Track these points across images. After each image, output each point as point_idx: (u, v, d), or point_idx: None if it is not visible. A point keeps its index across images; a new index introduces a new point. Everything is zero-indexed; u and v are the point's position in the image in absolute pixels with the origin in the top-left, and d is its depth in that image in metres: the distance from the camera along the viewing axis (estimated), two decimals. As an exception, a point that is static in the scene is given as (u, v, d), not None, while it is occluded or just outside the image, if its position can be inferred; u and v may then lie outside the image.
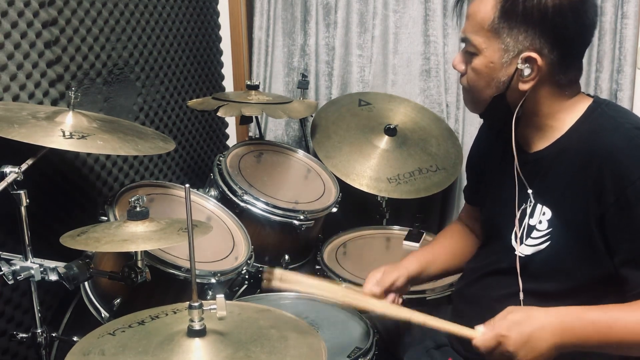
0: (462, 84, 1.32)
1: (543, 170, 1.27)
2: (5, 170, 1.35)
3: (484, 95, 1.27)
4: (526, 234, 1.29)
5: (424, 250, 1.60)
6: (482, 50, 1.23)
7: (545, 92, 1.24)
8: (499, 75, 1.23)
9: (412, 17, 2.42)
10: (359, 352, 1.39)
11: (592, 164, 1.18)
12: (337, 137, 2.32)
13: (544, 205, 1.27)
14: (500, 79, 1.23)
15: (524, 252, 1.29)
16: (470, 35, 1.24)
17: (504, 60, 1.22)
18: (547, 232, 1.25)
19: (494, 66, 1.23)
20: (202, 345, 1.03)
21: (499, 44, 1.21)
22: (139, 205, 1.33)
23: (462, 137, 2.45)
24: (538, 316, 1.14)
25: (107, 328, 1.15)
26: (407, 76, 2.49)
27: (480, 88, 1.27)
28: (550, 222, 1.25)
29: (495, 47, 1.21)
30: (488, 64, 1.23)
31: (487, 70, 1.24)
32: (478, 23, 1.22)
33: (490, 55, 1.22)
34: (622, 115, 1.25)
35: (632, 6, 2.13)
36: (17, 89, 1.66)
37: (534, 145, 1.31)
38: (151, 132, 1.74)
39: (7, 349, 1.69)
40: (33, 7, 1.68)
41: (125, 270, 1.39)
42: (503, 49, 1.21)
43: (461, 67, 1.29)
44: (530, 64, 1.20)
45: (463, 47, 1.30)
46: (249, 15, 2.68)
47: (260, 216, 1.92)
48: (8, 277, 1.37)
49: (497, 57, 1.22)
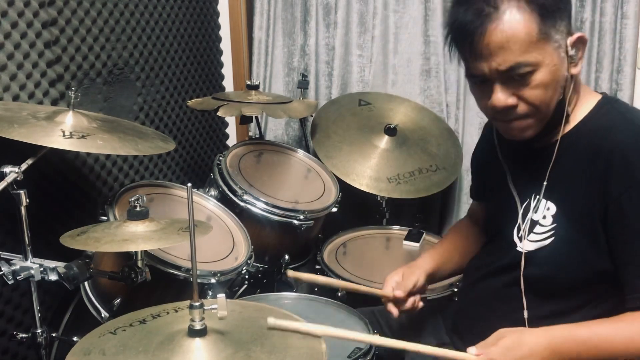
0: (519, 113, 1.21)
1: (547, 165, 1.26)
2: (5, 170, 1.35)
3: (552, 106, 1.21)
4: (529, 229, 1.29)
5: (437, 248, 1.59)
6: (541, 62, 1.16)
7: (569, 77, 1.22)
8: (563, 73, 1.19)
9: (412, 17, 2.42)
10: (359, 352, 1.39)
11: (599, 159, 1.17)
12: (337, 137, 2.32)
13: (549, 200, 1.26)
14: (563, 76, 1.19)
15: (526, 248, 1.28)
16: (521, 58, 1.14)
17: (562, 55, 1.18)
18: (552, 227, 1.25)
19: (557, 68, 1.17)
20: (203, 344, 1.03)
21: (551, 45, 1.16)
22: (139, 205, 1.33)
23: (462, 137, 2.45)
24: (529, 340, 1.16)
25: (108, 327, 1.15)
26: (407, 76, 2.49)
27: (549, 100, 1.20)
28: (555, 218, 1.24)
29: (550, 50, 1.16)
30: (552, 69, 1.17)
31: (553, 76, 1.17)
32: (523, 41, 1.14)
33: (550, 60, 1.16)
34: (632, 112, 1.25)
35: (632, 6, 2.13)
36: (17, 89, 1.65)
37: (542, 141, 1.29)
38: (151, 131, 1.74)
39: (7, 349, 1.69)
40: (33, 7, 1.67)
41: (125, 270, 1.39)
42: (557, 47, 1.17)
43: (513, 100, 1.19)
44: (576, 46, 1.18)
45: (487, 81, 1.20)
46: (249, 15, 2.68)
47: (260, 216, 1.92)
48: (8, 277, 1.37)
49: (556, 58, 1.17)
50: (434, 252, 1.56)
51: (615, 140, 1.17)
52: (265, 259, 1.99)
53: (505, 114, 1.22)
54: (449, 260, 1.54)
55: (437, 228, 2.55)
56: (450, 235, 1.64)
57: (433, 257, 1.53)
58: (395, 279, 1.44)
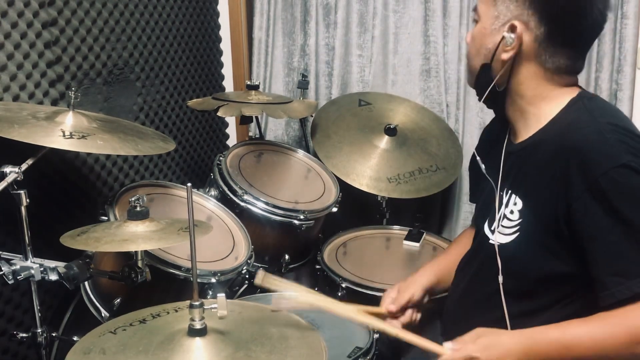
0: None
1: (521, 160, 1.29)
2: (6, 170, 1.35)
3: (474, 63, 1.31)
4: (499, 222, 1.30)
5: (439, 259, 1.61)
6: (481, 17, 1.28)
7: (529, 72, 1.25)
8: (487, 42, 1.27)
9: (412, 17, 2.42)
10: (359, 352, 1.40)
11: (561, 157, 1.17)
12: (337, 137, 2.32)
13: (517, 195, 1.27)
14: (487, 46, 1.27)
15: (498, 241, 1.29)
16: (479, 4, 1.29)
17: (493, 27, 1.25)
18: (518, 222, 1.26)
19: (485, 32, 1.27)
20: (203, 344, 1.03)
21: (493, 11, 1.25)
22: (139, 205, 1.34)
23: (462, 137, 2.44)
24: (505, 341, 1.18)
25: (108, 326, 1.15)
26: (407, 76, 2.49)
27: (472, 55, 1.32)
28: (521, 213, 1.26)
29: (490, 14, 1.26)
30: (481, 29, 1.28)
31: (479, 36, 1.29)
32: None
33: (484, 21, 1.27)
34: (601, 110, 1.23)
35: (632, 6, 2.13)
36: (17, 89, 1.66)
37: (519, 136, 1.32)
38: (151, 132, 1.74)
39: (7, 348, 1.69)
40: (33, 8, 1.68)
41: (125, 270, 1.39)
42: (495, 15, 1.25)
43: (468, 38, 1.34)
44: (514, 33, 1.23)
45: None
46: (249, 15, 2.68)
47: (261, 216, 1.92)
48: (8, 277, 1.37)
49: (489, 24, 1.26)
50: (435, 264, 1.57)
51: (576, 137, 1.17)
52: (265, 259, 1.99)
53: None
54: (450, 273, 1.53)
55: (437, 228, 2.55)
56: (453, 247, 1.65)
57: (433, 270, 1.54)
58: (391, 296, 1.47)
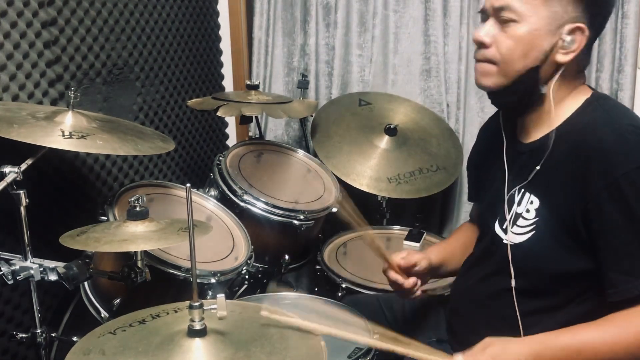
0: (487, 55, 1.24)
1: (534, 160, 1.27)
2: (5, 170, 1.35)
3: (516, 67, 1.22)
4: (512, 222, 1.29)
5: (444, 244, 1.63)
6: (526, 17, 1.18)
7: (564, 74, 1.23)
8: (541, 44, 1.19)
9: (412, 16, 2.41)
10: (359, 352, 1.39)
11: (580, 157, 1.18)
12: (337, 137, 2.32)
13: (532, 194, 1.27)
14: (542, 48, 1.19)
15: (512, 240, 1.29)
16: (512, 1, 1.18)
17: (550, 28, 1.18)
18: (534, 221, 1.26)
19: (539, 34, 1.19)
20: (203, 345, 1.03)
21: (546, 11, 1.18)
22: (139, 205, 1.33)
23: (462, 137, 2.44)
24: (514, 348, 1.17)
25: (108, 327, 1.15)
26: (407, 76, 2.48)
27: (516, 58, 1.21)
28: (538, 212, 1.25)
29: (542, 14, 1.18)
30: (532, 31, 1.19)
31: (529, 37, 1.19)
32: None
33: (535, 22, 1.18)
34: (617, 110, 1.25)
35: (632, 6, 2.13)
36: (16, 89, 1.65)
37: (529, 136, 1.31)
38: (151, 132, 1.74)
39: (7, 349, 1.69)
40: (32, 7, 1.67)
41: (125, 270, 1.39)
42: (550, 16, 1.18)
43: (487, 38, 1.23)
44: (573, 35, 1.18)
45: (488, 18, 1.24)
46: (249, 15, 2.67)
47: (260, 216, 1.92)
48: (7, 277, 1.37)
49: (543, 24, 1.18)
50: (441, 246, 1.59)
51: (596, 137, 1.18)
52: (265, 259, 1.99)
53: (478, 51, 1.26)
54: (453, 258, 1.55)
55: (437, 228, 2.55)
56: (455, 235, 1.66)
57: (441, 251, 1.55)
58: (401, 255, 1.48)
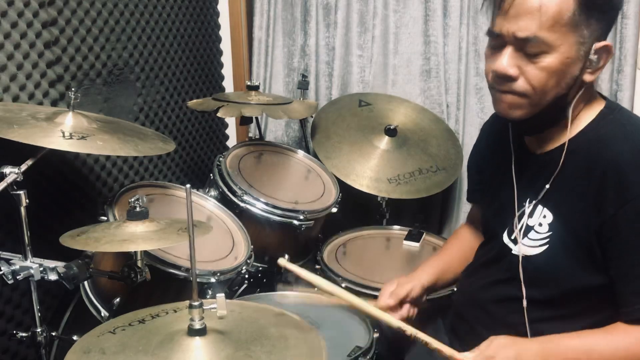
0: (514, 88, 1.17)
1: (548, 172, 1.24)
2: (5, 171, 1.35)
3: (548, 97, 1.17)
4: (523, 234, 1.28)
5: (437, 258, 1.60)
6: (556, 47, 1.12)
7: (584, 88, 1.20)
8: (574, 70, 1.15)
9: (412, 17, 2.42)
10: (359, 351, 1.39)
11: (596, 171, 1.15)
12: (337, 137, 2.32)
13: (545, 207, 1.25)
14: (574, 74, 1.15)
15: (522, 252, 1.28)
16: (540, 33, 1.11)
17: (581, 53, 1.14)
18: (547, 235, 1.24)
19: (570, 61, 1.13)
20: (203, 344, 1.03)
21: (575, 37, 1.12)
22: (139, 206, 1.34)
23: (462, 138, 2.44)
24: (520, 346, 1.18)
25: (107, 326, 1.15)
26: (407, 76, 2.49)
27: (549, 88, 1.16)
28: (551, 226, 1.23)
29: (571, 41, 1.12)
30: (564, 60, 1.13)
31: (562, 67, 1.14)
32: (552, 18, 1.10)
33: (566, 50, 1.13)
34: (633, 124, 1.22)
35: (632, 6, 2.13)
36: (16, 90, 1.66)
37: (541, 147, 1.28)
38: (151, 132, 1.74)
39: (7, 348, 1.69)
40: (33, 8, 1.68)
41: (125, 270, 1.39)
42: (580, 42, 1.13)
43: (512, 70, 1.16)
44: (599, 53, 1.15)
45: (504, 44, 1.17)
46: (249, 15, 2.67)
47: (260, 216, 1.92)
48: (8, 277, 1.37)
49: (574, 52, 1.13)
50: (433, 262, 1.57)
51: (612, 153, 1.15)
52: (265, 259, 1.99)
53: (502, 82, 1.18)
54: (448, 270, 1.54)
55: (437, 228, 2.55)
56: (449, 244, 1.64)
57: (432, 267, 1.54)
58: (389, 289, 1.46)
